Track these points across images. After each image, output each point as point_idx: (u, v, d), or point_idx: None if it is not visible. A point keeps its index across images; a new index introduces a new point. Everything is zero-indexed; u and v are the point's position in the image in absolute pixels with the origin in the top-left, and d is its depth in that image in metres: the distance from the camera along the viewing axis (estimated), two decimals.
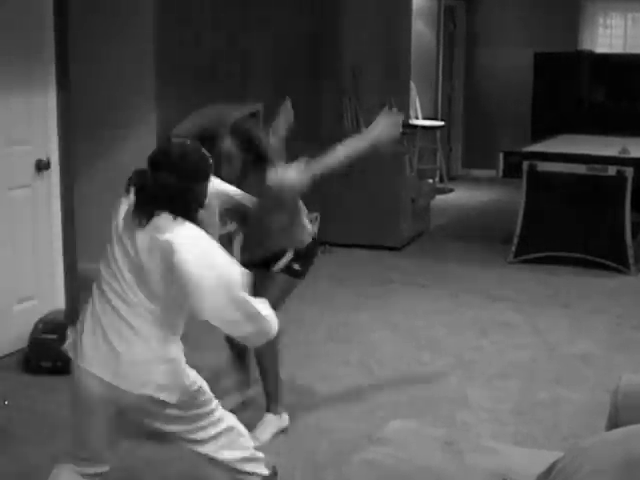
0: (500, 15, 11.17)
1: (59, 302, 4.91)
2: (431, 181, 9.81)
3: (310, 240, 3.82)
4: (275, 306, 2.97)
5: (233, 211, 3.55)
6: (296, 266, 3.74)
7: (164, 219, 2.58)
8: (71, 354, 2.65)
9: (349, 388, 4.25)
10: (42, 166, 4.75)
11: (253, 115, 6.38)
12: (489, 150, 10.92)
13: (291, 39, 7.58)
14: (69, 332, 2.82)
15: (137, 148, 6.04)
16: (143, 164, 5.80)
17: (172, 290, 2.58)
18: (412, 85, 10.15)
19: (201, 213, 2.71)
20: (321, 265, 6.77)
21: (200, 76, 6.32)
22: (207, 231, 2.69)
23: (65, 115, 4.86)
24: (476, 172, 11.32)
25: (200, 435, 2.72)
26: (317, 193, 7.12)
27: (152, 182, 2.61)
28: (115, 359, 2.55)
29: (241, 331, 2.70)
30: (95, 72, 6.03)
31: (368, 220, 7.18)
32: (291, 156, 3.87)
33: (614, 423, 2.38)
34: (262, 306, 2.67)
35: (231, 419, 2.83)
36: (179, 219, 2.60)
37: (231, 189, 3.32)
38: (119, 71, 6.00)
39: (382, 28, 8.38)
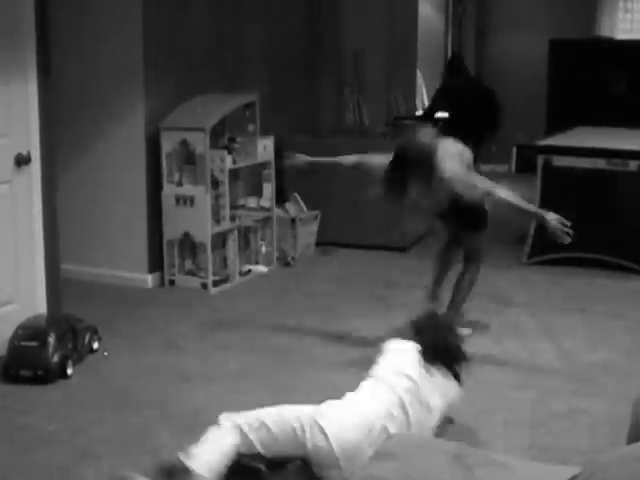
0: None
1: (40, 306, 4.91)
2: None
3: None
4: None
5: None
6: None
7: None
8: None
9: None
10: (22, 160, 4.74)
11: (248, 107, 6.39)
12: (501, 144, 10.94)
13: (288, 23, 7.58)
14: None
15: (124, 141, 6.05)
16: (131, 158, 5.95)
17: None
18: (418, 73, 10.18)
19: None
20: (321, 267, 6.79)
21: (191, 63, 6.32)
22: None
23: (47, 105, 4.85)
24: (487, 167, 11.31)
25: None
26: (317, 191, 7.16)
27: None
28: None
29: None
30: (78, 58, 6.04)
31: (371, 219, 7.17)
32: None
33: (635, 436, 2.37)
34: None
35: None
36: None
37: None
38: (105, 58, 6.00)
39: (386, 11, 8.38)
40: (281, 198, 7.04)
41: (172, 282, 6.10)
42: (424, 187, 4.54)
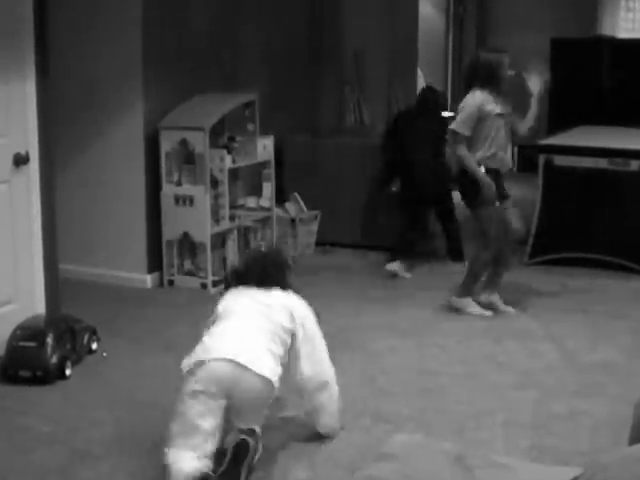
0: None
1: (39, 307, 4.91)
2: None
3: None
4: None
5: None
6: None
7: None
8: None
9: (350, 399, 4.23)
10: (20, 160, 4.74)
11: (248, 106, 6.39)
12: None
13: (288, 22, 7.57)
14: None
15: (123, 141, 6.04)
16: (130, 158, 5.90)
17: None
18: (419, 72, 10.16)
19: None
20: (321, 267, 6.78)
21: (190, 63, 6.32)
22: None
23: (45, 105, 4.85)
24: None
25: None
26: (317, 191, 7.16)
27: None
28: None
29: None
30: (78, 58, 6.03)
31: (371, 219, 7.16)
32: None
33: (637, 437, 2.37)
34: None
35: None
36: None
37: None
38: (104, 58, 6.00)
39: (386, 11, 8.37)
40: (281, 198, 7.04)
41: (171, 282, 6.09)
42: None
